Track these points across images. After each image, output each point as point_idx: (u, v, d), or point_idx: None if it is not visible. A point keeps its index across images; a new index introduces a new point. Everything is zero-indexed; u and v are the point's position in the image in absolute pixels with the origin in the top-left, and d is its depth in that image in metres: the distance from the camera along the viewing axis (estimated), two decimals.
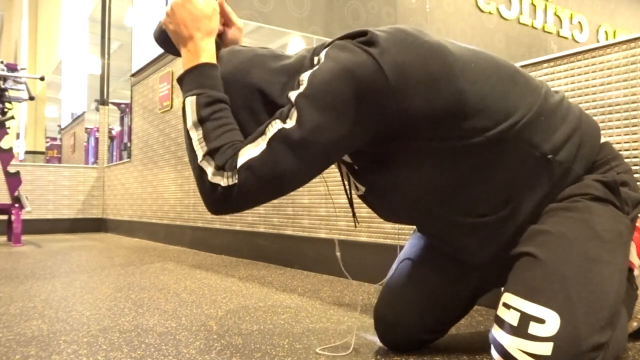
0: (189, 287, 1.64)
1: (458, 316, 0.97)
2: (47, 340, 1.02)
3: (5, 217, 3.55)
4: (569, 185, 0.80)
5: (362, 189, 0.86)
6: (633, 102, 1.08)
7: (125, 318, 1.21)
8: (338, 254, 0.94)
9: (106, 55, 4.99)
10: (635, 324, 0.96)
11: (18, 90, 3.50)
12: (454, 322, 0.97)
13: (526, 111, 0.77)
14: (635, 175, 1.08)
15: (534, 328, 0.68)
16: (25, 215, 3.52)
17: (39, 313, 1.27)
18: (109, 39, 4.99)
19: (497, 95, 0.76)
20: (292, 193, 2.14)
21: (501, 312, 0.73)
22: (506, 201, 0.78)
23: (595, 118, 1.14)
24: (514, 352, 0.69)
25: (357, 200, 1.02)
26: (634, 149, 1.08)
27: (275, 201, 2.25)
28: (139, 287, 1.64)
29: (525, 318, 0.69)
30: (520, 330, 0.69)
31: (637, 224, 0.99)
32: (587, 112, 1.17)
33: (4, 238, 3.78)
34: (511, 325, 0.70)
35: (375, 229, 1.72)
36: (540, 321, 0.68)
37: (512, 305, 0.72)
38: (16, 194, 3.33)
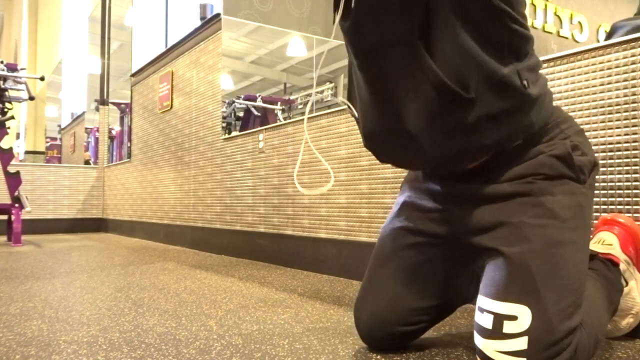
0: (189, 287, 1.64)
1: (434, 312, 0.95)
2: (47, 340, 1.02)
3: (5, 217, 3.55)
4: (521, 134, 0.78)
5: None
6: (633, 102, 1.08)
7: (125, 318, 1.21)
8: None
9: (106, 55, 4.99)
10: (631, 320, 0.97)
11: (18, 90, 3.50)
12: (431, 319, 0.96)
13: (533, 41, 0.78)
14: (635, 175, 1.08)
15: (507, 326, 0.70)
16: (25, 215, 3.53)
17: (39, 313, 1.27)
18: (109, 39, 4.99)
19: None
20: (291, 193, 2.14)
21: (477, 317, 0.75)
22: (469, 83, 0.72)
23: (595, 118, 1.14)
24: (493, 355, 0.70)
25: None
26: (634, 149, 1.08)
27: (275, 201, 2.25)
28: (139, 287, 1.64)
29: (499, 319, 0.71)
30: (495, 332, 0.71)
31: (623, 221, 1.01)
32: (587, 112, 1.18)
33: (4, 238, 3.78)
34: (487, 329, 0.72)
35: (375, 229, 1.72)
36: (513, 318, 0.70)
37: (485, 308, 0.73)
38: (16, 194, 3.33)
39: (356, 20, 0.76)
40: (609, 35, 1.35)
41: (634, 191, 1.08)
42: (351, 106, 0.89)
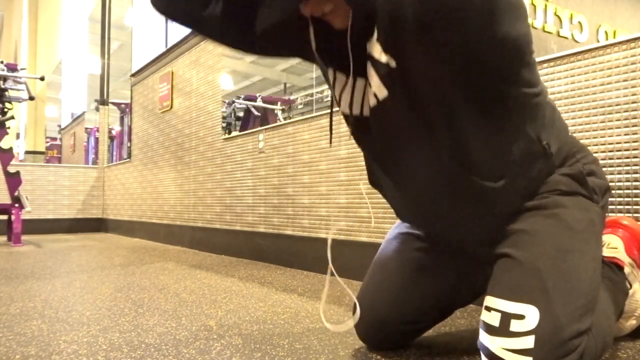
0: (189, 287, 1.64)
1: (435, 314, 0.96)
2: (47, 340, 1.02)
3: (5, 217, 3.55)
4: (543, 179, 0.81)
5: (383, 94, 0.73)
6: (633, 102, 1.08)
7: (125, 318, 1.21)
8: (329, 254, 0.92)
9: (106, 55, 4.99)
10: (634, 322, 0.97)
11: (18, 90, 3.50)
12: (431, 320, 0.97)
13: (543, 87, 0.78)
14: (635, 175, 1.08)
15: (515, 325, 0.70)
16: (25, 215, 3.52)
17: (39, 313, 1.27)
18: (109, 39, 4.99)
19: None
20: (291, 193, 2.14)
21: (484, 315, 0.75)
22: (502, 174, 0.76)
23: (595, 118, 1.14)
24: (499, 352, 0.70)
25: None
26: (634, 149, 1.08)
27: (275, 201, 2.25)
28: (139, 287, 1.64)
29: (506, 317, 0.71)
30: (502, 330, 0.71)
31: (627, 224, 1.00)
32: (587, 112, 1.18)
33: (4, 238, 3.78)
34: (494, 327, 0.72)
35: (375, 229, 1.72)
36: (520, 317, 0.70)
37: (493, 307, 0.74)
38: (16, 194, 3.33)
39: (375, 137, 0.79)
40: None
41: (634, 191, 1.08)
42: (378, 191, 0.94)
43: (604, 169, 1.11)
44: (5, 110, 3.38)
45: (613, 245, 0.98)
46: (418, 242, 0.94)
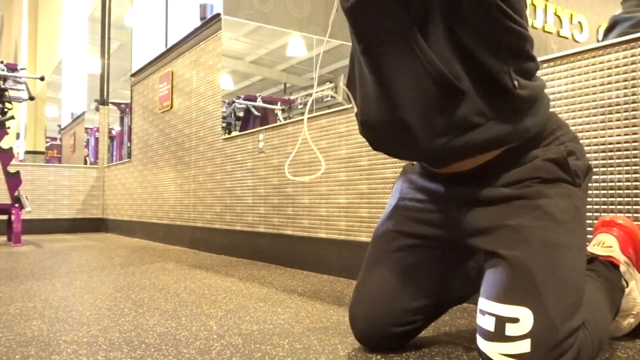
0: (189, 287, 1.64)
1: (431, 311, 0.95)
2: (47, 340, 1.02)
3: (5, 217, 3.55)
4: (516, 136, 0.78)
5: None
6: (633, 102, 1.08)
7: (125, 318, 1.21)
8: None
9: (106, 55, 4.99)
10: (632, 320, 0.97)
11: (18, 90, 3.50)
12: (427, 318, 0.96)
13: (530, 34, 0.78)
14: (635, 175, 1.08)
15: (510, 329, 0.70)
16: (25, 215, 3.53)
17: (39, 313, 1.27)
18: (109, 39, 5.00)
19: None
20: (292, 193, 2.14)
21: (479, 319, 0.75)
22: (459, 73, 0.73)
23: (595, 118, 1.14)
24: (496, 357, 0.70)
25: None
26: (634, 149, 1.08)
27: (275, 201, 2.25)
28: (139, 287, 1.64)
29: (500, 321, 0.71)
30: (497, 334, 0.71)
31: (622, 222, 1.01)
32: (587, 112, 1.18)
33: (4, 238, 3.78)
34: (489, 332, 0.72)
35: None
36: (515, 321, 0.70)
37: (487, 310, 0.73)
38: (16, 194, 3.33)
39: (357, 2, 0.77)
40: (609, 28, 1.34)
41: (634, 191, 1.08)
42: (349, 93, 0.90)
43: (603, 169, 1.12)
44: (5, 110, 3.38)
45: (608, 244, 0.98)
46: (404, 239, 0.94)
